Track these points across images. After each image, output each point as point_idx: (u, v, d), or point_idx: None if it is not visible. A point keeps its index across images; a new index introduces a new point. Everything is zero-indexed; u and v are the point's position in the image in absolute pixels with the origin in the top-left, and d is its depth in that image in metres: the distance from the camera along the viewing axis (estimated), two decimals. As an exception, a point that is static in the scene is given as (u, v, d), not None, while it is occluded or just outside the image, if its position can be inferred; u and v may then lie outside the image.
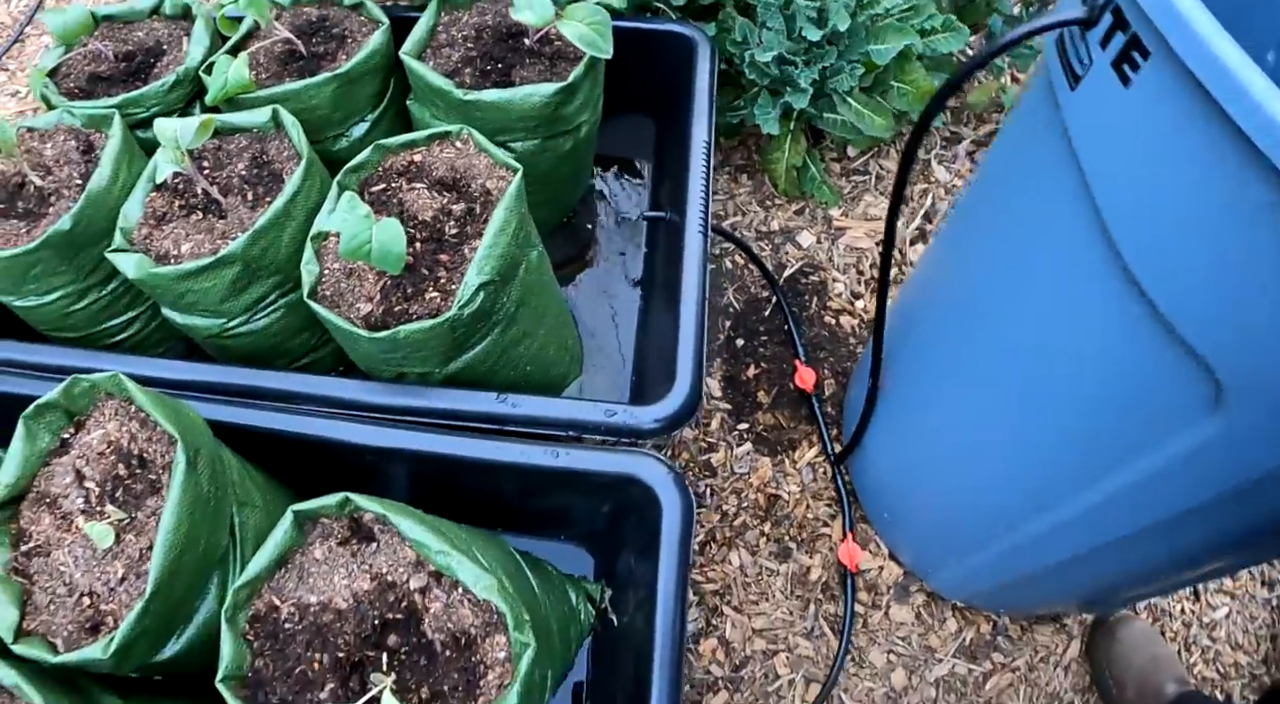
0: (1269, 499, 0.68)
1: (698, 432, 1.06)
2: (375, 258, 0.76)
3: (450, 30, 1.03)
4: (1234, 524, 0.74)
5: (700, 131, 1.01)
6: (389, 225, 0.76)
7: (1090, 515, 0.79)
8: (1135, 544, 0.80)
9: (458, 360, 0.87)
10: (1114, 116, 0.60)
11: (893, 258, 1.09)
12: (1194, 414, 0.64)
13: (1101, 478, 0.76)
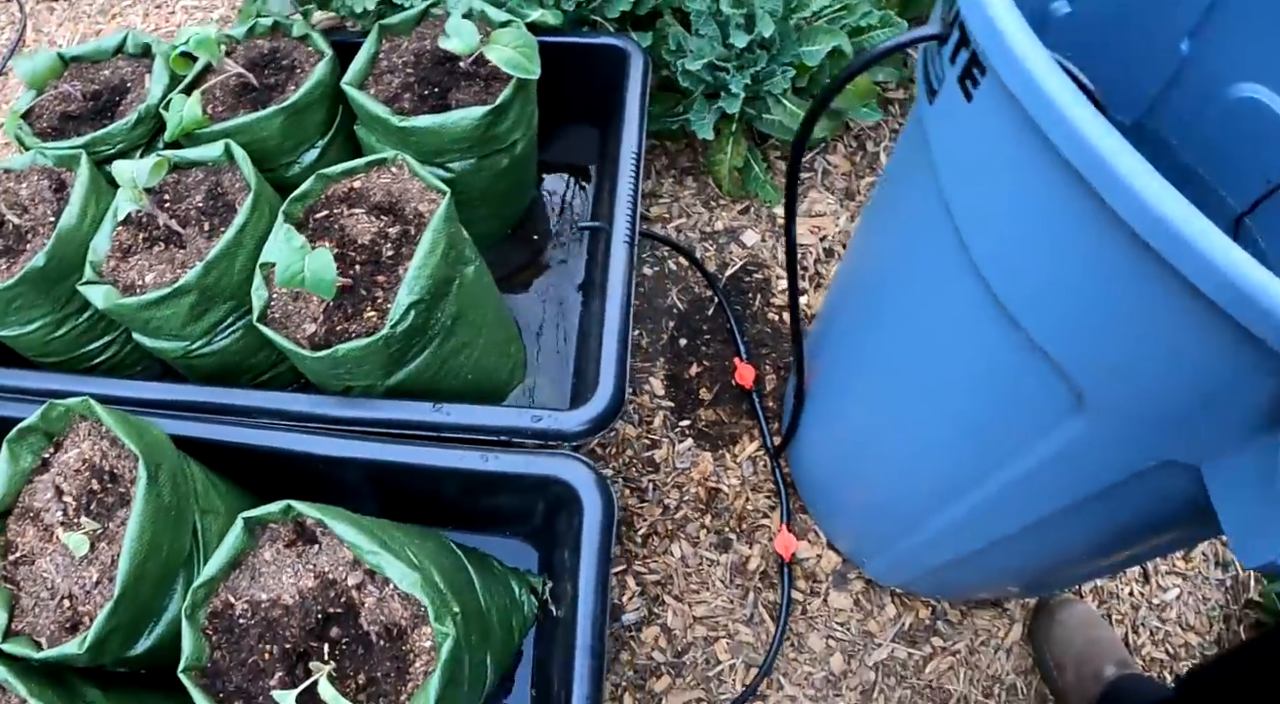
0: (1137, 499, 0.77)
1: (641, 430, 1.17)
2: (309, 285, 0.88)
3: (391, 57, 1.15)
4: (1109, 522, 0.83)
5: (630, 143, 1.11)
6: (320, 255, 0.89)
7: (984, 511, 0.89)
8: (1031, 537, 0.90)
9: (398, 373, 0.99)
10: (960, 131, 0.69)
11: (799, 263, 1.19)
12: (1059, 417, 0.73)
13: (988, 476, 0.86)
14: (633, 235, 1.04)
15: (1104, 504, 0.79)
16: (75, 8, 1.66)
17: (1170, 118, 1.09)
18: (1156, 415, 0.64)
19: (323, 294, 0.89)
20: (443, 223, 0.96)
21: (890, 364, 0.92)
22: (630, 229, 1.04)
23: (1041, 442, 0.77)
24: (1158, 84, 1.06)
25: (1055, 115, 0.52)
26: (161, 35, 1.60)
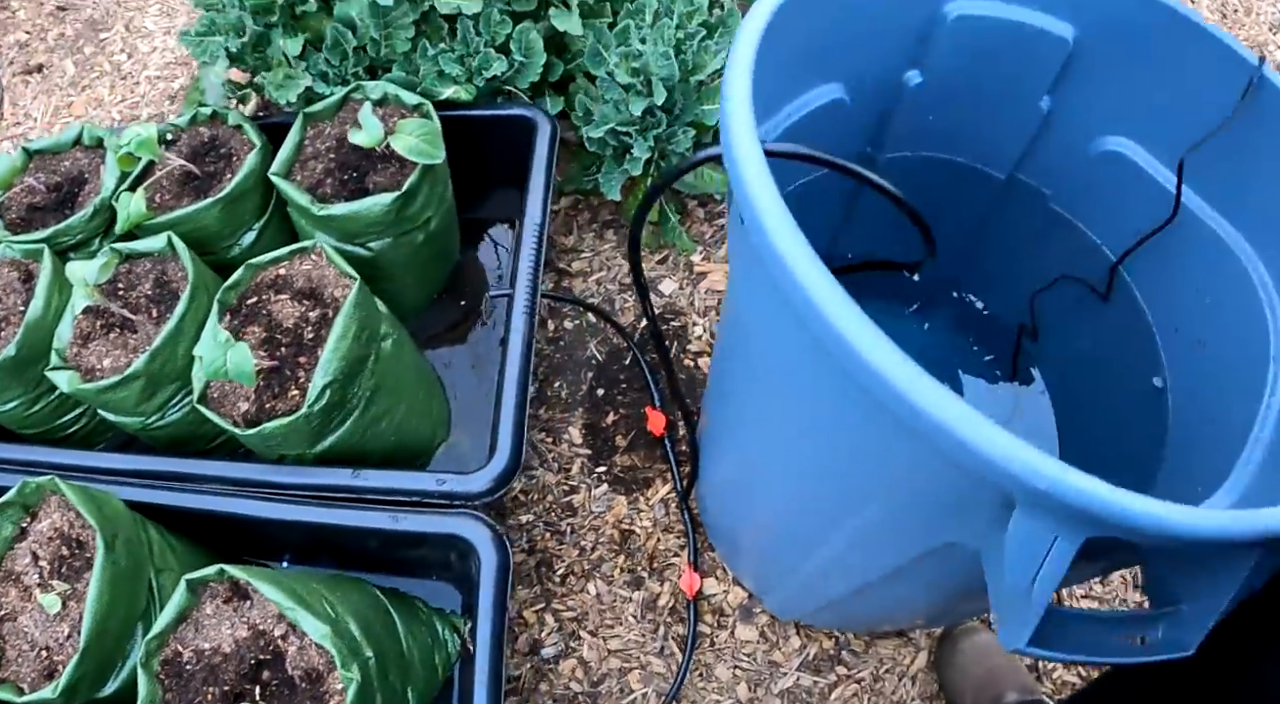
0: (953, 567, 0.96)
1: (560, 476, 1.39)
2: (231, 376, 1.12)
3: (315, 142, 1.38)
4: (946, 580, 1.03)
5: (533, 215, 1.33)
6: (239, 351, 1.12)
7: (835, 564, 1.09)
8: (890, 585, 1.10)
9: (324, 442, 1.23)
10: (739, 245, 0.90)
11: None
12: (865, 499, 0.92)
13: (828, 537, 1.06)
14: (532, 305, 1.26)
15: (929, 568, 0.99)
16: (48, 81, 1.93)
17: (1041, 170, 1.27)
18: (927, 508, 0.83)
19: (245, 382, 1.13)
20: (353, 308, 1.19)
21: (745, 422, 1.12)
22: (530, 299, 1.26)
23: (855, 517, 0.97)
24: (1024, 139, 1.24)
25: (786, 274, 0.69)
26: (127, 105, 1.86)
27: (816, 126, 1.15)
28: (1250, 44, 2.14)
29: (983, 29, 1.12)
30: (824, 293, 0.65)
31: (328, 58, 1.40)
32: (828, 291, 0.65)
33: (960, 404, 0.61)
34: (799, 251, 0.67)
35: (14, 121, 1.84)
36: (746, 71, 0.80)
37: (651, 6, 1.43)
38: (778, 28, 0.91)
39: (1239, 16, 2.17)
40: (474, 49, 1.42)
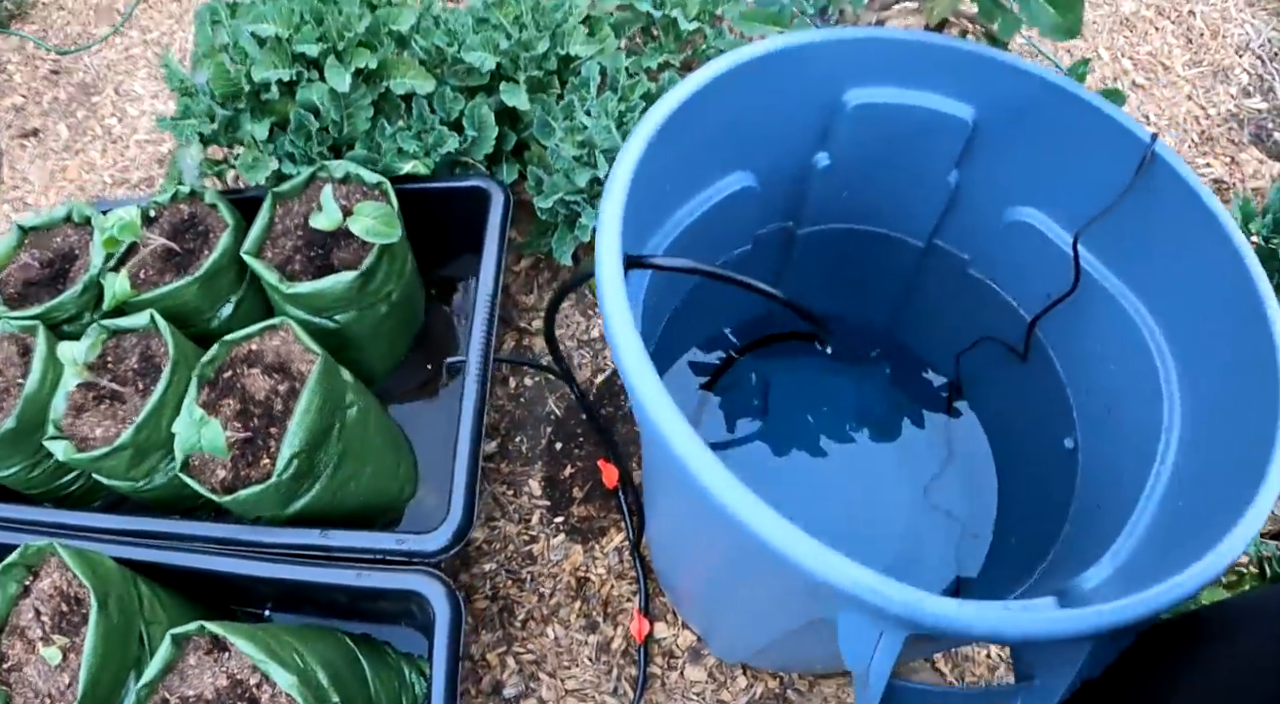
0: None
1: (520, 527, 1.60)
2: (205, 451, 1.34)
3: (284, 221, 1.60)
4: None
5: (486, 284, 1.54)
6: (211, 428, 1.34)
7: (751, 618, 1.29)
8: (803, 637, 1.29)
9: (295, 505, 1.45)
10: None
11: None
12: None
13: (735, 598, 1.26)
14: (484, 373, 1.47)
15: (825, 629, 1.18)
16: (44, 144, 2.17)
17: (958, 238, 1.46)
18: (795, 592, 1.01)
19: (218, 455, 1.35)
20: (316, 384, 1.41)
21: (657, 496, 1.32)
22: (482, 367, 1.47)
23: (746, 590, 1.16)
24: (936, 210, 1.43)
25: (643, 415, 0.90)
26: (118, 169, 2.10)
27: (732, 210, 1.35)
28: (1214, 67, 2.29)
29: (884, 114, 1.30)
30: (677, 437, 0.85)
31: (293, 139, 1.61)
32: (680, 437, 0.85)
33: (783, 526, 0.81)
34: (658, 401, 0.87)
35: (12, 185, 2.08)
36: (616, 220, 0.99)
37: (594, 80, 1.62)
38: (673, 130, 1.10)
39: (1205, 40, 2.32)
40: (429, 126, 1.63)
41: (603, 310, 0.95)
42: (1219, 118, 2.23)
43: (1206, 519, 1.01)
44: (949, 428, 1.60)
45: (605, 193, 1.03)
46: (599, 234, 0.99)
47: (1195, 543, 0.97)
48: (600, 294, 0.96)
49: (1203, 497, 1.07)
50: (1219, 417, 1.11)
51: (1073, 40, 1.20)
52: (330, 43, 1.61)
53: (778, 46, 1.19)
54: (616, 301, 0.92)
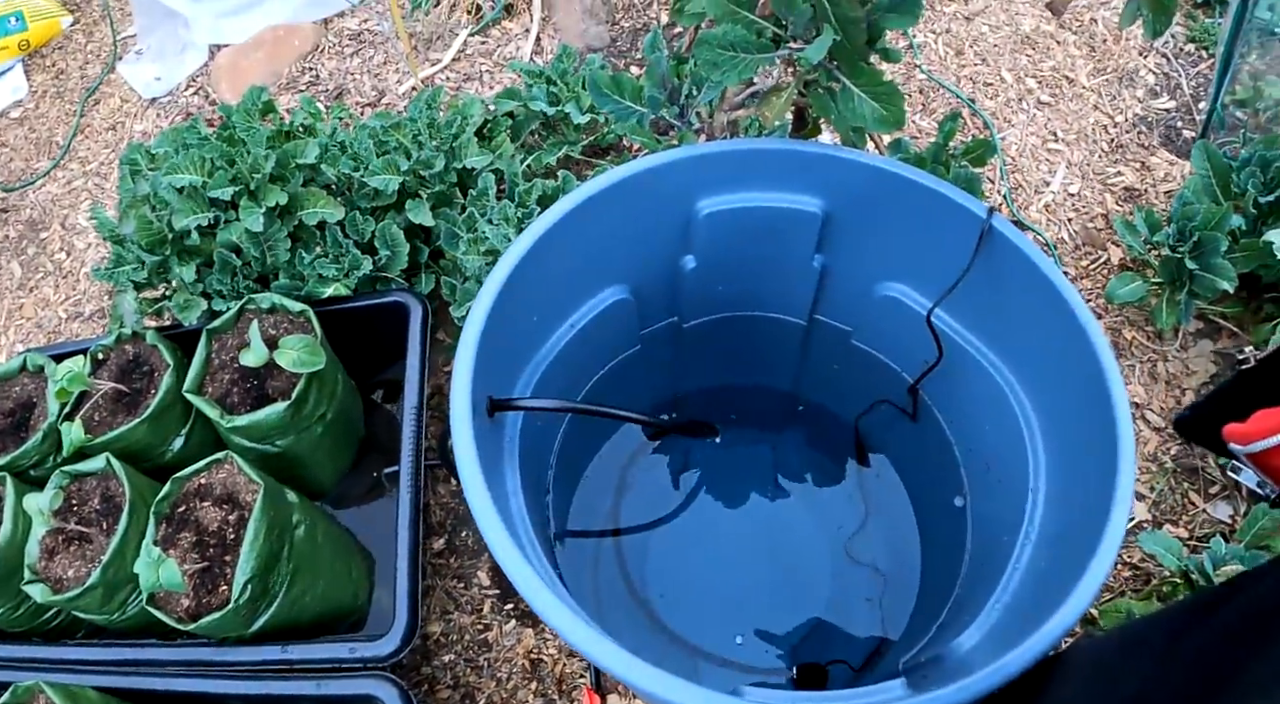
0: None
1: (474, 617, 1.75)
2: (165, 588, 1.50)
3: (220, 355, 1.75)
4: None
5: (410, 397, 1.69)
6: (168, 567, 1.50)
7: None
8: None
9: (255, 624, 1.60)
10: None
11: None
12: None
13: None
14: (416, 484, 1.61)
15: None
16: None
17: (836, 313, 1.59)
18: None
19: (176, 590, 1.51)
20: (261, 513, 1.56)
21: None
22: (413, 478, 1.62)
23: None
24: (809, 291, 1.56)
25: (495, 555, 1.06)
26: (71, 303, 2.26)
27: (611, 321, 1.49)
28: (1119, 72, 2.40)
29: (736, 216, 1.44)
30: (525, 586, 0.99)
31: (219, 277, 1.76)
32: (528, 586, 0.99)
33: (621, 657, 0.95)
34: (511, 560, 1.02)
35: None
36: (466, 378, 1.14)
37: (491, 189, 1.77)
38: (528, 271, 1.24)
39: (1108, 46, 2.44)
40: (345, 250, 1.78)
41: (460, 470, 1.09)
42: (1127, 124, 2.30)
43: (1062, 579, 1.13)
44: (864, 483, 1.74)
45: (456, 356, 1.18)
46: (452, 393, 1.13)
47: (1051, 604, 1.10)
48: (456, 452, 1.10)
49: (1062, 556, 1.19)
50: (1075, 475, 1.23)
51: (899, 130, 1.32)
52: (243, 184, 1.76)
53: (624, 174, 1.33)
54: (469, 460, 1.07)
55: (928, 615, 1.48)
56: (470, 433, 1.07)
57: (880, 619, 1.66)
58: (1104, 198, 2.19)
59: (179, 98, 2.64)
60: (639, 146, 2.17)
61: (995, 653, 1.16)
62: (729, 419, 1.74)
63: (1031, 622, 1.14)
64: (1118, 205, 2.17)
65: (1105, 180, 2.22)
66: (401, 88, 2.47)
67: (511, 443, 1.30)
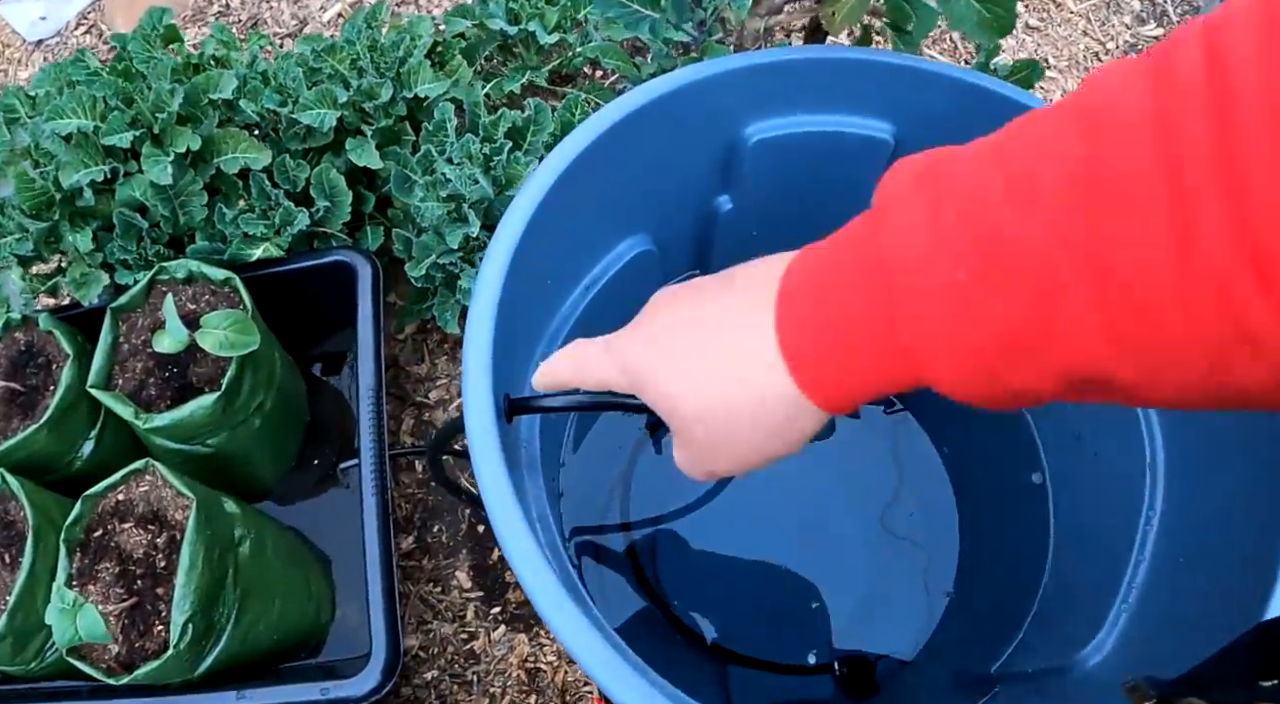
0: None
1: (456, 625, 1.49)
2: (86, 639, 1.20)
3: (130, 338, 1.43)
4: None
5: (366, 376, 1.39)
6: (87, 613, 1.20)
7: None
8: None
9: (203, 666, 1.31)
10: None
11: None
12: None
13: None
14: (381, 478, 1.33)
15: None
16: None
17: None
18: None
19: (101, 641, 1.21)
20: (195, 534, 1.26)
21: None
22: (377, 473, 1.33)
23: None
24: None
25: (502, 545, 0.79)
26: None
27: (630, 279, 1.20)
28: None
29: (791, 144, 1.15)
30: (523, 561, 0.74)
31: (122, 244, 1.44)
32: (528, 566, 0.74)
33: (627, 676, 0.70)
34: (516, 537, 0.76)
35: None
36: (484, 373, 0.85)
37: (450, 122, 1.45)
38: (543, 223, 0.95)
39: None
40: (274, 202, 1.46)
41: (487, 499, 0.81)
42: (1118, 51, 2.16)
43: (1219, 575, 0.91)
44: (896, 449, 1.48)
45: (466, 338, 0.89)
46: (467, 402, 0.85)
47: (1211, 609, 0.88)
48: (480, 477, 0.82)
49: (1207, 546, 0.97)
50: (1214, 448, 1.00)
51: (1005, 36, 1.06)
52: (144, 127, 1.43)
53: (653, 95, 1.03)
54: (498, 488, 0.79)
55: (1003, 608, 1.24)
56: (499, 455, 0.79)
57: (927, 604, 1.42)
58: (1099, 128, 1.99)
59: (69, 38, 2.26)
60: (609, 73, 1.85)
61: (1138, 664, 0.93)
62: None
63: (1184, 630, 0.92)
64: (1114, 136, 1.98)
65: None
66: (326, 14, 2.12)
67: (530, 446, 1.02)
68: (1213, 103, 0.38)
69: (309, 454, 1.60)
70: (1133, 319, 0.42)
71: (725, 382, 0.61)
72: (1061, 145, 0.45)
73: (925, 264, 0.49)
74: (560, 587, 0.74)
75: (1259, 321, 0.38)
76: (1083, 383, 0.48)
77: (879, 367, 0.54)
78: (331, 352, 1.66)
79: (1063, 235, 0.43)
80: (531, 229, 0.94)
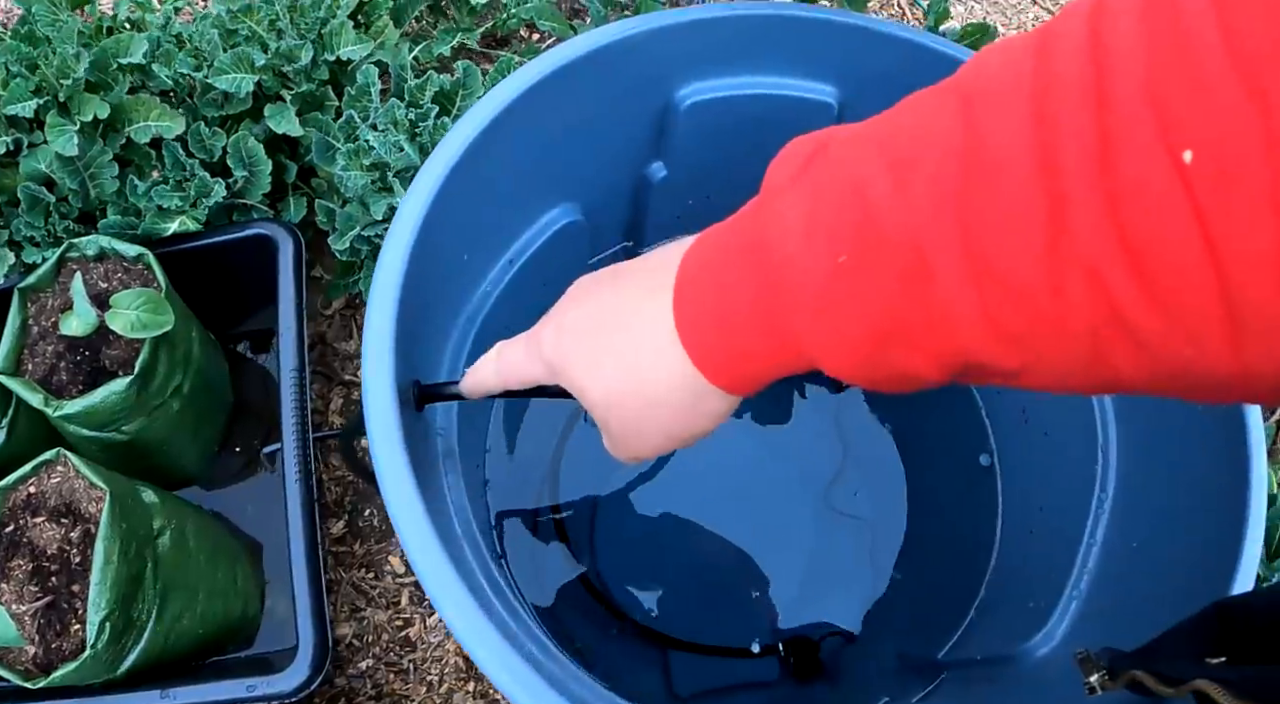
0: None
1: (390, 612, 1.44)
2: (1, 644, 1.14)
3: (40, 320, 1.35)
4: None
5: (288, 357, 1.32)
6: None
7: None
8: None
9: (124, 665, 1.26)
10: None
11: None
12: None
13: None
14: (306, 467, 1.27)
15: None
16: None
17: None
18: None
19: (14, 645, 1.15)
20: (109, 529, 1.20)
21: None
22: (301, 460, 1.27)
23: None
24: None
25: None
26: None
27: (557, 252, 1.15)
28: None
29: (728, 107, 1.10)
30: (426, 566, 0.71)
31: (29, 220, 1.35)
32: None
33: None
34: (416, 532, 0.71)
35: None
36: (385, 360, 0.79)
37: (375, 86, 1.38)
38: (457, 190, 0.89)
39: None
40: (190, 173, 1.38)
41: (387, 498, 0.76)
42: None
43: (1183, 562, 0.89)
44: (841, 421, 1.44)
45: (366, 321, 0.83)
46: (367, 388, 0.79)
47: (1165, 596, 0.85)
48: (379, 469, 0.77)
49: (1162, 532, 0.93)
50: (1169, 429, 0.96)
51: None
52: (49, 94, 1.34)
53: (579, 52, 0.98)
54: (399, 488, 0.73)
55: (949, 592, 1.21)
56: (400, 447, 0.74)
57: (872, 581, 1.38)
58: (1048, 96, 1.93)
59: (-27, 0, 2.13)
60: (546, 35, 1.77)
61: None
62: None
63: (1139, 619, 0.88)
64: (1062, 105, 1.92)
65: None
66: (247, -30, 2.00)
67: (447, 434, 0.97)
68: (1090, 87, 0.37)
69: (234, 437, 1.53)
70: (1008, 305, 0.41)
71: (631, 370, 0.61)
72: (940, 126, 0.44)
73: (804, 251, 0.49)
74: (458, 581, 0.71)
75: (1133, 311, 0.37)
76: (965, 367, 0.47)
77: (769, 351, 0.54)
78: (256, 330, 1.59)
79: (938, 219, 0.42)
80: (442, 199, 0.88)
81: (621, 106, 1.06)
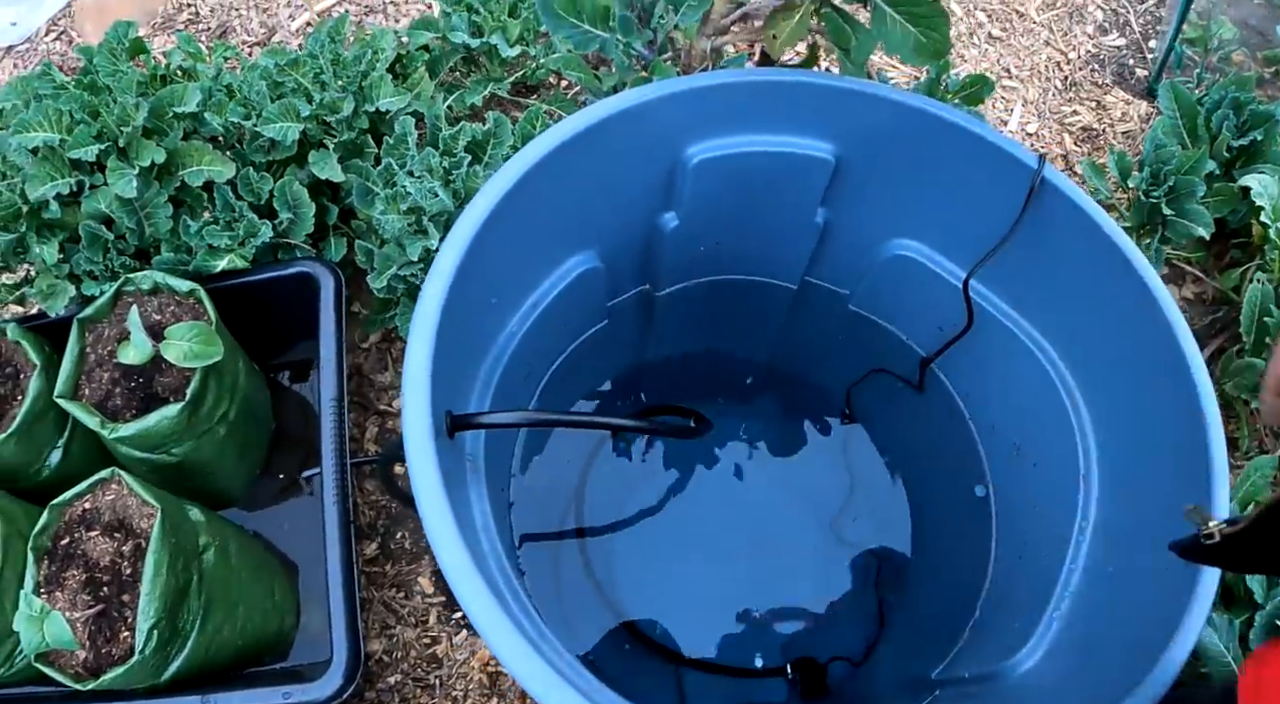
0: None
1: (419, 630, 1.52)
2: (53, 646, 1.23)
3: (96, 349, 1.45)
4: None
5: (329, 385, 1.42)
6: (54, 621, 1.23)
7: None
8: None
9: (168, 672, 1.34)
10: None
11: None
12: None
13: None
14: (343, 489, 1.36)
15: None
16: None
17: (834, 274, 1.36)
18: None
19: (68, 648, 1.24)
20: (160, 542, 1.29)
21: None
22: (339, 483, 1.36)
23: None
24: (806, 250, 1.32)
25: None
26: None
27: (578, 294, 1.24)
28: (1068, 6, 2.21)
29: (732, 164, 1.19)
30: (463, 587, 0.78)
31: (88, 255, 1.46)
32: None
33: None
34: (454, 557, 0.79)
35: None
36: (423, 392, 0.88)
37: (411, 135, 1.48)
38: (487, 242, 0.99)
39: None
40: (238, 214, 1.48)
41: (425, 519, 0.84)
42: (1080, 61, 2.20)
43: (1153, 588, 0.95)
44: (848, 456, 1.52)
45: (407, 354, 0.92)
46: (406, 419, 0.88)
47: (1143, 619, 0.92)
48: (417, 492, 0.85)
49: (1140, 557, 1.00)
50: (1144, 461, 1.04)
51: (939, 60, 1.08)
52: (110, 140, 1.45)
53: (598, 116, 1.08)
54: (436, 507, 0.82)
55: (946, 615, 1.28)
56: (436, 471, 0.83)
57: (875, 606, 1.46)
58: (1062, 138, 2.09)
59: (39, 44, 2.27)
60: (573, 84, 1.87)
61: (1067, 675, 0.97)
62: (698, 391, 1.51)
63: (1111, 640, 0.95)
64: (1076, 146, 2.07)
65: (1062, 120, 2.12)
66: (295, 24, 2.14)
67: (475, 459, 1.06)
68: None
69: (275, 462, 1.63)
70: None
71: None
72: None
73: None
74: (490, 596, 0.78)
75: None
76: None
77: None
78: (297, 360, 1.69)
79: None
80: (474, 249, 0.97)
81: (636, 163, 1.15)
